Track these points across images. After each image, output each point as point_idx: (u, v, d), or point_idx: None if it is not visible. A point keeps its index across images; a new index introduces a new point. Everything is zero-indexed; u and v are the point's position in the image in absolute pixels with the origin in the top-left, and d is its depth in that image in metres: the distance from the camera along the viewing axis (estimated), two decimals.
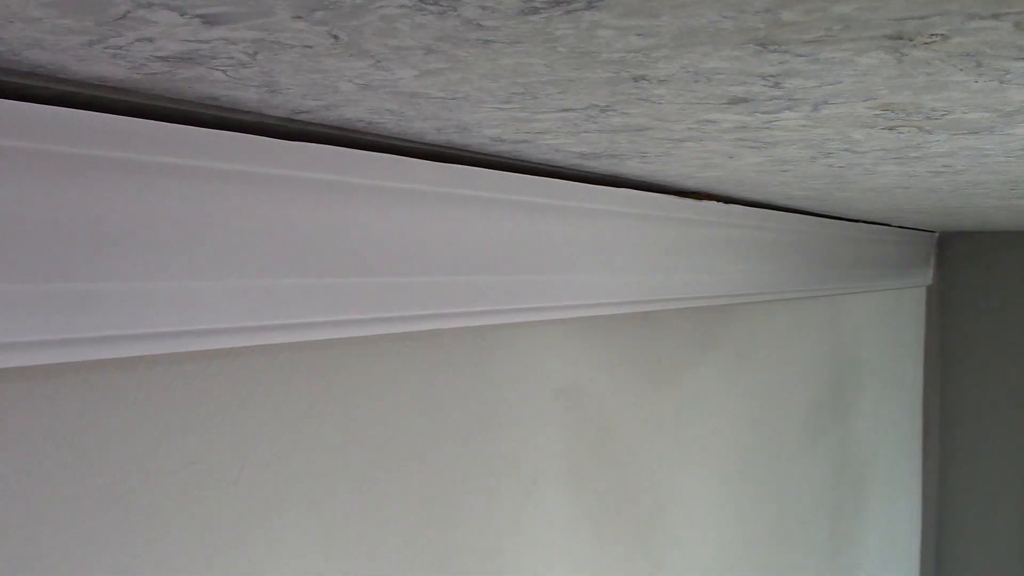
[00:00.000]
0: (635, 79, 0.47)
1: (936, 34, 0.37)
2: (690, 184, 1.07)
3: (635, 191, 1.03)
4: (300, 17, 0.36)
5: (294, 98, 0.53)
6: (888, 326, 2.31)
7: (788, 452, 1.73)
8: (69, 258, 0.54)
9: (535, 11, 0.34)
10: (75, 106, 0.52)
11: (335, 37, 0.39)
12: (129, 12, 0.35)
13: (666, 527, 1.30)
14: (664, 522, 1.30)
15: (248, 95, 0.52)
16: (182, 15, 0.35)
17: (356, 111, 0.58)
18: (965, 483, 2.64)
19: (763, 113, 0.57)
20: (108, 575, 0.62)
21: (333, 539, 0.78)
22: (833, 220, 1.67)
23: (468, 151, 0.77)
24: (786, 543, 1.73)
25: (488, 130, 0.65)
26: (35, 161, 0.51)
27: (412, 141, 0.71)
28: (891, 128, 0.62)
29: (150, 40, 0.39)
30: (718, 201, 1.21)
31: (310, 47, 0.40)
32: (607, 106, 0.55)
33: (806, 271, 1.63)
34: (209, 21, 0.36)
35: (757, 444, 1.59)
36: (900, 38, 0.38)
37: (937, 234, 2.53)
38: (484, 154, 0.79)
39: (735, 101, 0.53)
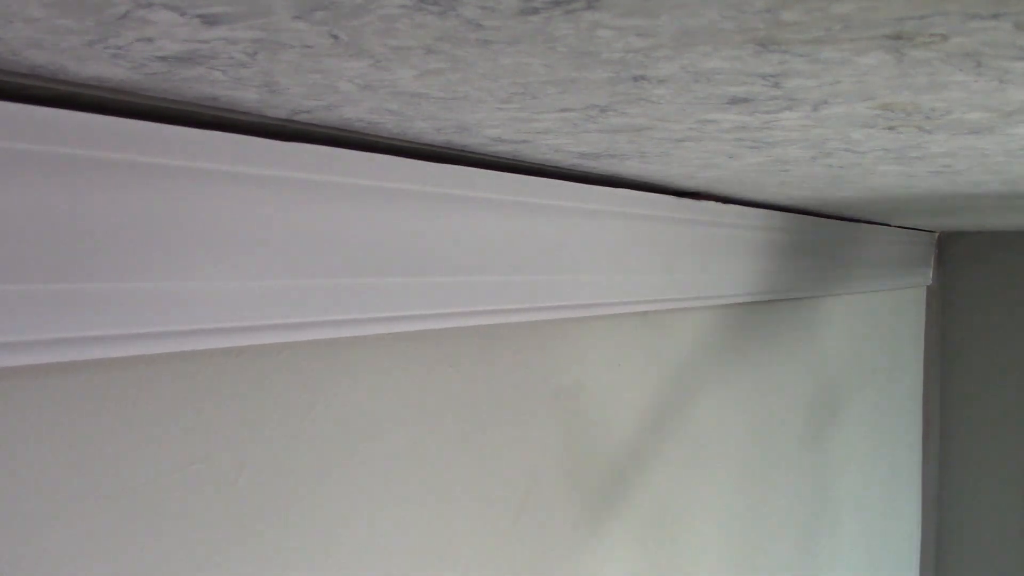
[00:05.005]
0: (635, 79, 0.47)
1: (936, 34, 0.37)
2: (690, 184, 1.07)
3: (635, 191, 1.04)
4: (300, 17, 0.36)
5: (294, 98, 0.53)
6: (888, 326, 2.31)
7: (788, 451, 1.73)
8: (69, 258, 0.54)
9: (535, 11, 0.34)
10: (75, 106, 0.52)
11: (335, 37, 0.39)
12: (129, 12, 0.35)
13: (666, 526, 1.30)
14: (664, 521, 1.30)
15: (248, 95, 0.52)
16: (182, 15, 0.35)
17: (356, 111, 0.58)
18: (965, 483, 2.64)
19: (763, 113, 0.57)
20: (108, 575, 0.62)
21: (333, 539, 0.78)
22: (833, 220, 1.67)
23: (468, 151, 0.77)
24: (786, 542, 1.73)
25: (488, 130, 0.65)
26: (35, 162, 0.51)
27: (412, 141, 0.71)
28: (891, 128, 0.62)
29: (150, 40, 0.39)
30: (718, 201, 1.21)
31: (310, 47, 0.40)
32: (607, 106, 0.55)
33: (806, 271, 1.63)
34: (209, 21, 0.36)
35: (757, 443, 1.59)
36: (900, 38, 0.38)
37: (937, 234, 2.53)
38: (484, 154, 0.79)
39: (735, 101, 0.53)
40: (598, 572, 1.15)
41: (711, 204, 1.20)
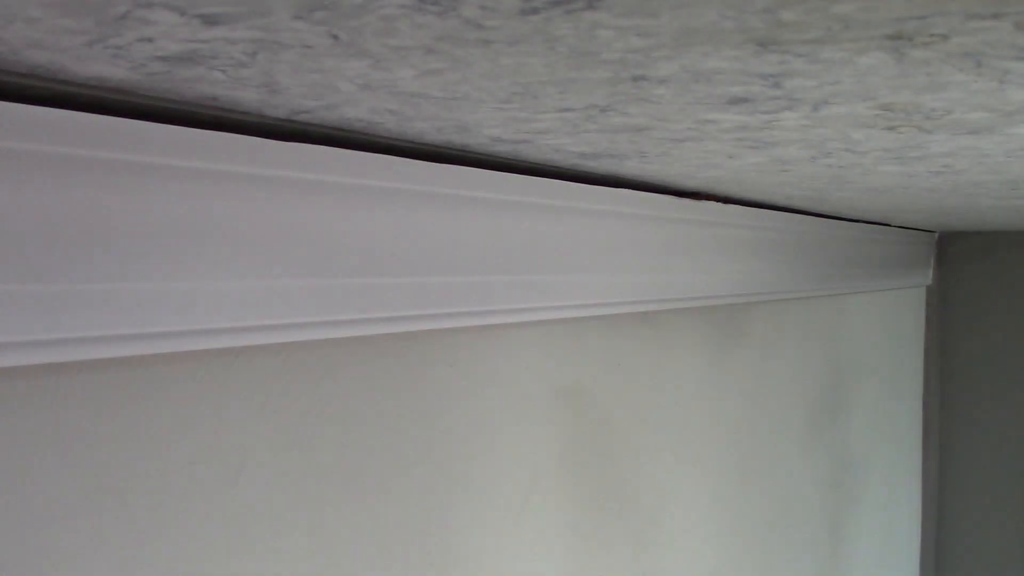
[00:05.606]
0: (635, 79, 0.47)
1: (936, 34, 0.37)
2: (690, 184, 1.07)
3: (635, 191, 1.04)
4: (300, 17, 0.36)
5: (294, 98, 0.53)
6: (888, 326, 2.31)
7: (788, 452, 1.73)
8: (69, 258, 0.54)
9: (535, 11, 0.34)
10: (75, 106, 0.52)
11: (335, 37, 0.39)
12: (129, 12, 0.35)
13: (667, 527, 1.30)
14: (665, 522, 1.30)
15: (248, 95, 0.52)
16: (182, 15, 0.35)
17: (356, 111, 0.58)
18: (965, 483, 2.64)
19: (763, 113, 0.57)
20: (108, 575, 0.62)
21: (333, 539, 0.78)
22: (833, 220, 1.67)
23: (468, 151, 0.77)
24: (786, 543, 1.73)
25: (488, 130, 0.65)
26: (35, 162, 0.51)
27: (412, 141, 0.71)
28: (891, 128, 0.62)
29: (150, 40, 0.39)
30: (718, 201, 1.21)
31: (310, 47, 0.40)
32: (607, 106, 0.55)
33: (806, 271, 1.63)
34: (209, 21, 0.36)
35: (757, 444, 1.59)
36: (900, 38, 0.38)
37: (937, 234, 2.53)
38: (484, 154, 0.79)
39: (735, 101, 0.53)
40: (599, 572, 1.15)
41: (711, 204, 1.19)
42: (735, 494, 1.51)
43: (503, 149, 0.76)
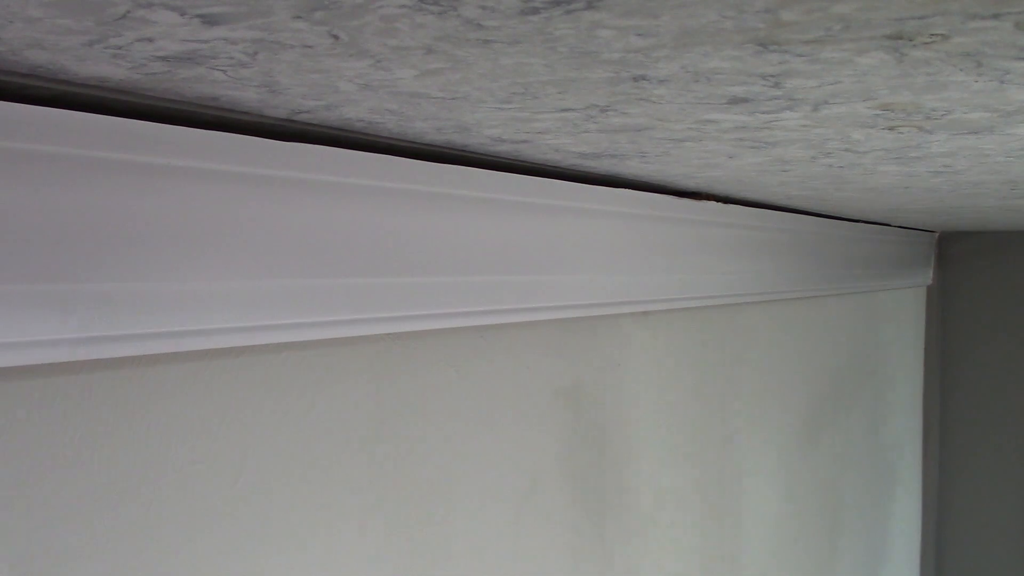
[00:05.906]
0: (635, 79, 0.47)
1: (936, 34, 0.37)
2: (690, 184, 1.07)
3: (635, 191, 1.04)
4: (300, 17, 0.36)
5: (294, 98, 0.53)
6: (888, 326, 2.31)
7: (788, 452, 1.73)
8: (69, 258, 0.54)
9: (535, 11, 0.34)
10: (75, 106, 0.52)
11: (335, 37, 0.39)
12: (129, 12, 0.35)
13: (666, 527, 1.30)
14: (664, 522, 1.30)
15: (248, 95, 0.52)
16: (182, 15, 0.35)
17: (356, 111, 0.58)
18: (965, 483, 2.64)
19: (763, 113, 0.57)
20: (108, 575, 0.62)
21: (333, 539, 0.78)
22: (833, 220, 1.67)
23: (468, 151, 0.77)
24: (785, 543, 1.73)
25: (488, 130, 0.65)
26: (36, 162, 0.51)
27: (412, 141, 0.71)
28: (891, 128, 0.62)
29: (150, 40, 0.39)
30: (718, 201, 1.21)
31: (310, 47, 0.40)
32: (607, 106, 0.55)
33: (806, 271, 1.63)
34: (209, 21, 0.36)
35: (757, 444, 1.59)
36: (900, 38, 0.38)
37: (937, 234, 2.53)
38: (484, 154, 0.79)
39: (735, 101, 0.53)
40: (598, 571, 1.15)
41: (711, 204, 1.20)
42: (736, 494, 1.51)
43: (503, 149, 0.76)
